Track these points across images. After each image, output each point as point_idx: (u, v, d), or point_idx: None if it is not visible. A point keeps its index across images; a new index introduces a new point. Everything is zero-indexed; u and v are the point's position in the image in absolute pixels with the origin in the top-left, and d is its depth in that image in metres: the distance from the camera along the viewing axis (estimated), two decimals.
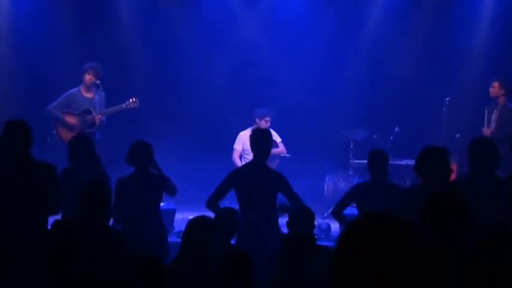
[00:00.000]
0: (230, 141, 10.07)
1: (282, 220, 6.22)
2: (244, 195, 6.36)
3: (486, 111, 9.36)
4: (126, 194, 6.21)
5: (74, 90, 9.25)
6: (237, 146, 9.96)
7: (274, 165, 9.44)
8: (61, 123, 9.17)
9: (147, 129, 10.16)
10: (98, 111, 9.12)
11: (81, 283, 4.52)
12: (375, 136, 10.30)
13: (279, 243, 5.29)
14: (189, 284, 4.39)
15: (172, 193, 6.58)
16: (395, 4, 11.22)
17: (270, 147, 6.59)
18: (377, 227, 1.71)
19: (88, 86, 9.16)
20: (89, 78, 9.12)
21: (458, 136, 9.65)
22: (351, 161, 10.42)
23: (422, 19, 11.18)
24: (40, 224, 5.34)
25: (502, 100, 9.26)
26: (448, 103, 10.04)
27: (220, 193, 6.45)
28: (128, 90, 10.01)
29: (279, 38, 11.21)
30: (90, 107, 9.13)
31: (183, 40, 11.23)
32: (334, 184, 10.37)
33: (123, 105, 9.33)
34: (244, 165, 7.19)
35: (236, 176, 6.50)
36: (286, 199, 6.38)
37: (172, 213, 8.61)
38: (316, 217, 6.00)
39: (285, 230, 5.90)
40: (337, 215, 6.48)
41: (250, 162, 6.77)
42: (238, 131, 10.09)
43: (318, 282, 4.38)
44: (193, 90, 11.22)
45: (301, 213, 5.72)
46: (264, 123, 9.74)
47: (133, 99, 9.33)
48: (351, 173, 10.38)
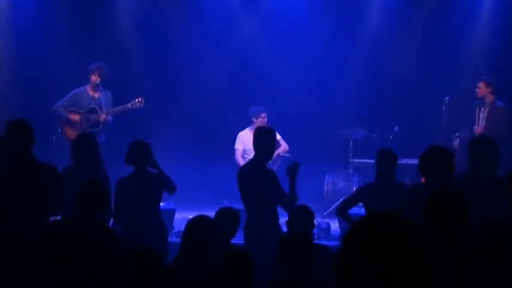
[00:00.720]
0: (230, 141, 10.06)
1: (282, 220, 6.23)
2: (245, 195, 6.37)
3: (477, 110, 9.53)
4: (126, 194, 6.21)
5: (81, 89, 9.28)
6: (238, 146, 9.94)
7: (276, 165, 9.42)
8: (66, 122, 9.19)
9: (147, 129, 10.16)
10: (103, 111, 9.13)
11: (80, 283, 4.52)
12: (375, 135, 10.31)
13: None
14: (189, 284, 4.39)
15: (171, 191, 6.57)
16: (394, 3, 11.22)
17: (273, 147, 6.51)
18: (382, 226, 1.71)
19: (94, 86, 9.18)
20: (94, 78, 9.14)
21: (458, 135, 9.66)
22: (351, 160, 10.42)
23: (422, 18, 11.18)
24: (40, 225, 5.33)
25: (489, 99, 9.52)
26: (447, 102, 10.05)
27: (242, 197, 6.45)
28: (128, 90, 10.01)
29: (278, 37, 11.21)
30: (96, 106, 9.14)
31: (183, 40, 11.24)
32: (334, 183, 10.37)
33: (129, 105, 9.32)
34: (244, 164, 7.18)
35: (239, 176, 6.51)
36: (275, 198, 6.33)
37: (172, 213, 8.60)
38: (315, 216, 6.00)
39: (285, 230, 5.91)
40: (343, 213, 6.47)
41: (250, 161, 6.76)
42: (238, 130, 10.08)
43: (318, 281, 4.38)
44: (193, 90, 11.22)
45: (301, 213, 5.73)
46: (261, 120, 9.71)
47: (139, 99, 9.33)
48: (351, 172, 10.38)
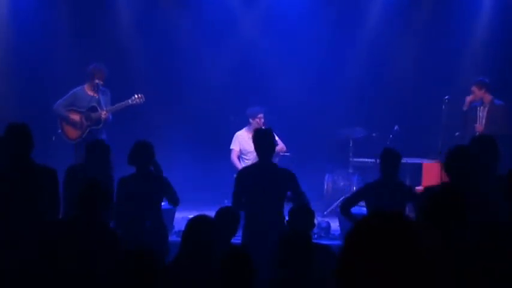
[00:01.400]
0: (230, 140, 10.04)
1: None
2: (252, 196, 6.33)
3: (478, 109, 9.63)
4: (127, 194, 6.22)
5: (79, 88, 9.24)
6: (234, 146, 9.90)
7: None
8: (66, 121, 9.16)
9: (147, 128, 10.17)
10: (103, 109, 9.12)
11: (78, 282, 4.52)
12: (375, 135, 10.30)
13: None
14: (189, 284, 4.38)
15: (174, 203, 6.63)
16: (394, 3, 11.22)
17: (273, 146, 6.54)
18: (382, 226, 1.70)
19: (94, 87, 9.16)
20: (96, 81, 9.10)
21: (458, 134, 9.67)
22: (351, 159, 10.42)
23: (421, 18, 11.18)
24: (39, 227, 5.31)
25: (487, 99, 9.62)
26: (447, 101, 10.05)
27: (239, 199, 6.42)
28: (128, 90, 9.99)
29: (278, 37, 11.20)
30: (96, 104, 9.13)
31: (183, 40, 11.23)
32: (334, 182, 10.38)
33: (129, 101, 9.31)
34: (250, 165, 7.16)
35: (244, 177, 6.49)
36: (293, 197, 6.39)
37: (172, 212, 8.59)
38: (316, 215, 6.01)
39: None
40: (345, 211, 6.48)
41: (256, 163, 6.72)
42: (238, 130, 10.07)
43: (318, 281, 4.37)
44: (193, 90, 11.22)
45: (301, 212, 5.73)
46: (258, 121, 9.71)
47: (139, 95, 9.32)
48: (351, 171, 10.38)
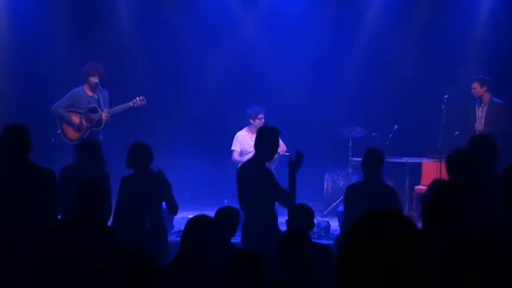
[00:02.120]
0: (230, 140, 10.04)
1: (282, 219, 6.22)
2: (243, 194, 6.37)
3: (476, 108, 9.60)
4: (129, 193, 6.21)
5: (78, 89, 9.22)
6: (235, 147, 9.89)
7: (273, 164, 9.41)
8: (67, 122, 9.14)
9: (146, 128, 10.17)
10: (102, 110, 9.10)
11: (77, 282, 4.52)
12: (374, 134, 10.31)
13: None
14: (188, 283, 4.39)
15: (173, 211, 6.60)
16: (393, 2, 11.22)
17: (275, 145, 6.48)
18: (385, 225, 1.70)
19: (92, 86, 9.14)
20: (93, 79, 9.08)
21: (457, 134, 9.67)
22: (350, 159, 10.42)
23: (421, 17, 11.18)
24: (37, 228, 5.30)
25: (486, 97, 9.65)
26: (446, 101, 10.05)
27: (240, 198, 6.45)
28: (127, 90, 10.00)
29: (278, 37, 11.20)
30: (96, 105, 9.12)
31: (183, 39, 11.22)
32: (334, 182, 10.39)
33: (131, 103, 9.29)
34: (244, 162, 7.17)
35: (238, 174, 6.52)
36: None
37: None
38: (315, 215, 6.00)
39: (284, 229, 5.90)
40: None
41: (250, 159, 6.75)
42: (238, 130, 10.07)
43: (317, 281, 4.37)
44: (192, 90, 11.22)
45: (300, 212, 5.72)
46: (259, 122, 9.69)
47: (141, 98, 9.31)
48: (350, 171, 10.38)
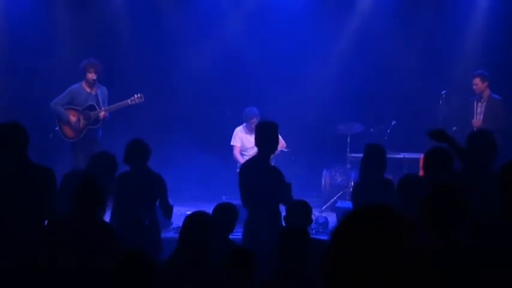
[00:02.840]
0: (227, 136, 10.06)
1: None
2: (247, 192, 6.30)
3: (474, 104, 9.58)
4: (123, 190, 6.20)
5: (76, 85, 9.19)
6: (235, 142, 9.94)
7: (272, 160, 9.44)
8: (64, 120, 9.11)
9: (144, 125, 10.17)
10: (101, 107, 9.09)
11: (76, 281, 4.52)
12: (372, 130, 10.32)
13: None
14: (186, 280, 4.39)
15: (167, 215, 6.50)
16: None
17: (275, 140, 6.44)
18: (372, 220, 1.70)
19: (90, 83, 9.13)
20: (90, 76, 9.07)
21: (455, 129, 9.67)
22: (348, 155, 10.44)
23: (418, 13, 11.17)
24: (35, 227, 5.30)
25: (486, 93, 9.61)
26: (444, 96, 10.07)
27: (243, 195, 6.37)
28: (124, 87, 9.98)
29: (276, 33, 11.17)
30: (94, 103, 9.10)
31: (179, 36, 11.20)
32: (332, 178, 10.40)
33: (128, 101, 9.26)
34: (247, 160, 7.15)
35: (241, 172, 6.47)
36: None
37: None
38: (313, 211, 6.01)
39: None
40: None
41: (253, 157, 6.70)
42: (236, 126, 10.08)
43: (315, 276, 4.37)
44: (189, 86, 11.19)
45: (298, 207, 5.73)
46: (252, 126, 9.80)
47: (139, 95, 9.28)
48: (348, 166, 10.39)
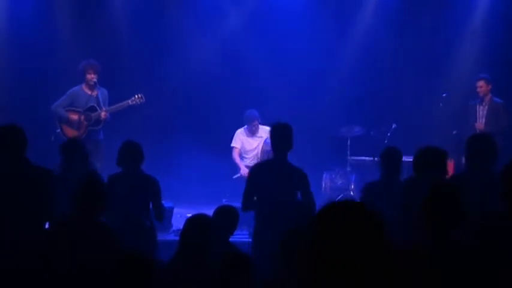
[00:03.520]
0: (228, 138, 10.07)
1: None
2: (263, 194, 6.15)
3: (477, 107, 9.58)
4: (115, 192, 6.15)
5: (77, 87, 9.21)
6: (235, 144, 9.96)
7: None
8: (65, 122, 9.13)
9: (144, 127, 10.17)
10: (101, 108, 9.10)
11: (76, 282, 4.53)
12: (372, 133, 10.32)
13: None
14: (186, 282, 4.40)
15: (159, 217, 6.39)
16: (390, 1, 11.22)
17: (289, 143, 6.25)
18: (341, 214, 1.75)
19: (91, 84, 9.14)
20: (90, 77, 9.08)
21: (455, 133, 9.68)
22: (349, 157, 10.44)
23: (418, 16, 11.17)
24: (35, 229, 5.30)
25: (488, 96, 9.63)
26: (444, 99, 10.08)
27: (249, 196, 6.20)
28: (124, 88, 9.97)
29: (277, 35, 11.19)
30: (95, 104, 9.11)
31: (180, 36, 11.21)
32: (332, 181, 10.40)
33: (129, 102, 9.26)
34: (263, 162, 7.11)
35: (255, 173, 6.30)
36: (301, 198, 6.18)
37: (170, 211, 8.61)
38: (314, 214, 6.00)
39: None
40: None
41: (270, 159, 6.60)
42: (235, 128, 10.10)
43: None
44: (190, 88, 11.20)
45: (299, 210, 5.73)
46: (253, 128, 9.85)
47: (139, 95, 9.27)
48: (349, 169, 10.39)
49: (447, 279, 3.33)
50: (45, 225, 5.50)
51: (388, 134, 10.21)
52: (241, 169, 9.66)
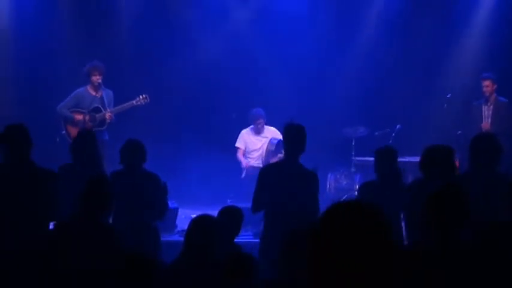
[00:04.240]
0: (233, 139, 10.09)
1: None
2: (274, 195, 6.06)
3: (482, 107, 9.54)
4: (117, 190, 6.15)
5: (82, 89, 9.24)
6: (239, 144, 9.98)
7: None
8: (71, 123, 9.15)
9: (149, 128, 10.17)
10: (106, 109, 9.12)
11: (80, 283, 4.53)
12: (377, 133, 10.32)
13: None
14: (191, 283, 4.40)
15: (160, 215, 6.34)
16: (394, 2, 11.21)
17: (302, 145, 6.20)
18: (345, 214, 1.75)
19: (96, 86, 9.16)
20: (96, 78, 9.10)
21: (460, 133, 9.66)
22: (353, 158, 10.44)
23: (423, 17, 11.16)
24: (39, 229, 5.32)
25: (493, 95, 9.59)
26: (449, 100, 10.07)
27: (259, 197, 6.12)
28: (128, 89, 9.99)
29: (281, 36, 11.19)
30: (99, 105, 9.13)
31: (184, 37, 11.21)
32: (337, 181, 10.40)
33: (134, 102, 9.28)
34: (274, 163, 7.10)
35: (266, 174, 6.20)
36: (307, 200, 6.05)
37: (174, 211, 8.61)
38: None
39: None
40: None
41: (282, 160, 6.54)
42: (240, 128, 10.11)
43: None
44: (195, 89, 11.21)
45: (306, 213, 5.72)
46: (258, 126, 9.87)
47: (144, 96, 9.30)
48: (353, 170, 10.39)
49: (450, 280, 3.33)
50: (49, 226, 5.52)
51: (392, 134, 10.21)
52: (244, 163, 9.78)
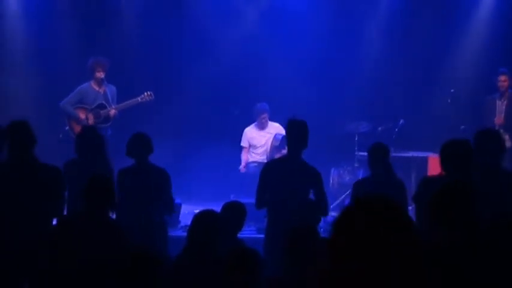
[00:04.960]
0: (235, 135, 10.09)
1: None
2: (275, 192, 6.09)
3: (496, 101, 9.52)
4: (125, 186, 6.18)
5: (85, 85, 9.24)
6: (244, 143, 10.02)
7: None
8: (74, 119, 9.15)
9: (152, 123, 10.14)
10: (110, 105, 9.12)
11: (85, 279, 4.54)
12: (380, 128, 10.31)
13: None
14: (194, 278, 4.41)
15: (169, 211, 6.40)
16: None
17: (304, 141, 6.21)
18: (370, 210, 1.73)
19: (99, 81, 9.16)
20: (98, 74, 9.10)
21: (463, 128, 9.65)
22: (356, 153, 10.43)
23: (425, 12, 11.15)
24: (43, 226, 5.32)
25: (506, 90, 9.53)
26: (453, 95, 10.05)
27: (262, 193, 6.15)
28: (132, 85, 9.99)
29: (284, 32, 11.18)
30: (103, 101, 9.13)
31: (188, 34, 11.21)
32: (340, 177, 10.40)
33: (138, 99, 9.29)
34: (276, 159, 7.12)
35: (268, 170, 6.22)
36: (314, 196, 6.13)
37: (178, 207, 8.62)
38: None
39: None
40: None
41: (284, 156, 6.56)
42: (243, 124, 10.11)
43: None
44: (197, 84, 11.19)
45: (310, 209, 5.73)
46: (262, 121, 9.88)
47: (149, 93, 9.31)
48: (356, 165, 10.39)
49: (455, 275, 3.32)
50: (53, 223, 5.53)
51: (395, 129, 10.19)
52: (243, 163, 9.91)
